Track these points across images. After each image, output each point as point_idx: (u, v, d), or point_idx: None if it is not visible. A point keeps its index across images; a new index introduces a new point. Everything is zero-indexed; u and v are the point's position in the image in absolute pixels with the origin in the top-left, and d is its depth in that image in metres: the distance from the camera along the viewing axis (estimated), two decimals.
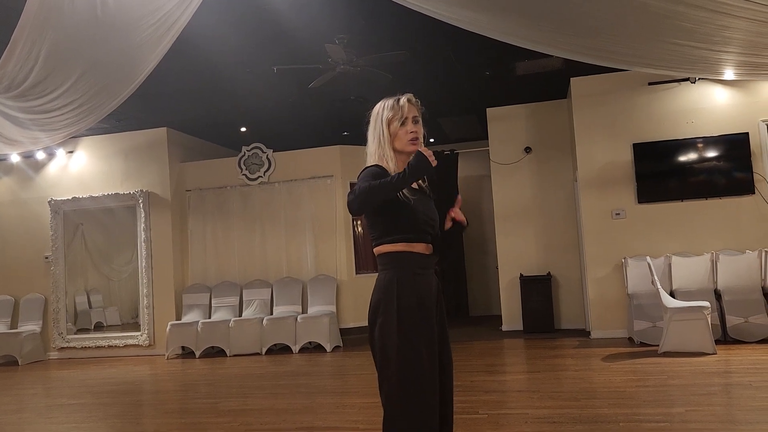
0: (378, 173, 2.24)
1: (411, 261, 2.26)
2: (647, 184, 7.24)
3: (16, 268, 9.28)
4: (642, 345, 6.60)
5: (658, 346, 6.19)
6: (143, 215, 8.87)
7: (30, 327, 8.95)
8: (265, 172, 9.01)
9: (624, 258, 7.16)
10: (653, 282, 6.27)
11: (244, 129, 9.38)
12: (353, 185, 2.22)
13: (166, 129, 8.96)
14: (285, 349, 8.19)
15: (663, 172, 7.23)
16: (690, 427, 3.72)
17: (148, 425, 4.81)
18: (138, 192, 8.91)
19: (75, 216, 9.31)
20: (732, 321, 6.43)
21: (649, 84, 7.31)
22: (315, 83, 6.58)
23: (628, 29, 4.22)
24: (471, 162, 10.35)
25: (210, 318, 8.57)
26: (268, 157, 9.03)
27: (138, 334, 8.86)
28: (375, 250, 2.33)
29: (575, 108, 7.61)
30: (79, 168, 9.26)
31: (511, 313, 8.50)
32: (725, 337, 6.44)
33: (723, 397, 4.46)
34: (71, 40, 3.81)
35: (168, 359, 8.23)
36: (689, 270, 6.83)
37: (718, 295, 6.61)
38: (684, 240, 7.08)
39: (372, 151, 2.34)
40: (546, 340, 7.56)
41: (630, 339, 6.99)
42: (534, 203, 8.56)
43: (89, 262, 9.57)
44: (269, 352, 8.12)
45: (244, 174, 9.05)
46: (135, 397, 6.05)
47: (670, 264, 6.90)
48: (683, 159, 7.17)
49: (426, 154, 2.12)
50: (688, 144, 7.15)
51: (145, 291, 8.81)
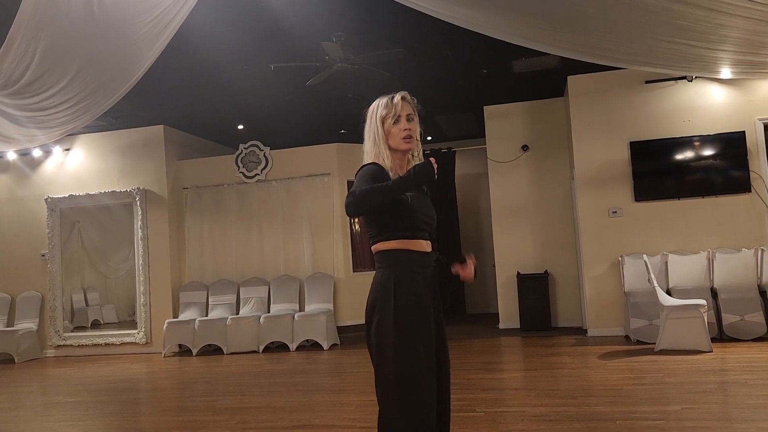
0: (376, 173, 2.24)
1: (408, 259, 2.26)
2: (644, 182, 7.25)
3: (12, 265, 9.25)
4: (638, 343, 6.62)
5: (654, 344, 6.20)
6: (140, 213, 8.86)
7: (26, 325, 8.93)
8: (262, 169, 9.00)
9: (621, 256, 7.17)
10: (650, 280, 6.29)
11: (241, 127, 9.37)
12: (351, 183, 2.23)
13: (163, 126, 8.94)
14: (282, 347, 8.19)
15: (660, 170, 7.24)
16: (686, 425, 3.73)
17: (144, 423, 4.80)
18: (135, 190, 8.90)
19: (72, 214, 9.29)
20: (728, 319, 6.45)
21: (646, 82, 7.31)
22: (312, 81, 6.57)
23: (625, 27, 4.23)
24: (468, 160, 10.37)
25: (207, 316, 8.56)
26: (265, 155, 9.02)
27: (135, 331, 8.84)
28: (372, 247, 2.33)
29: (572, 106, 7.61)
30: (76, 165, 9.24)
31: (508, 311, 8.51)
32: (721, 335, 6.46)
33: (719, 395, 4.47)
34: (67, 37, 3.80)
35: (165, 357, 8.22)
36: (686, 268, 6.85)
37: (714, 293, 6.63)
38: (680, 238, 7.09)
39: (368, 150, 2.35)
40: (543, 338, 7.57)
41: (626, 337, 7.01)
42: (531, 201, 8.56)
43: (86, 259, 9.55)
44: (266, 350, 8.11)
45: (241, 172, 9.04)
46: (132, 395, 6.04)
47: (666, 262, 6.92)
48: (680, 157, 7.19)
49: (433, 165, 2.13)
50: (684, 142, 7.16)
51: (142, 289, 8.80)
